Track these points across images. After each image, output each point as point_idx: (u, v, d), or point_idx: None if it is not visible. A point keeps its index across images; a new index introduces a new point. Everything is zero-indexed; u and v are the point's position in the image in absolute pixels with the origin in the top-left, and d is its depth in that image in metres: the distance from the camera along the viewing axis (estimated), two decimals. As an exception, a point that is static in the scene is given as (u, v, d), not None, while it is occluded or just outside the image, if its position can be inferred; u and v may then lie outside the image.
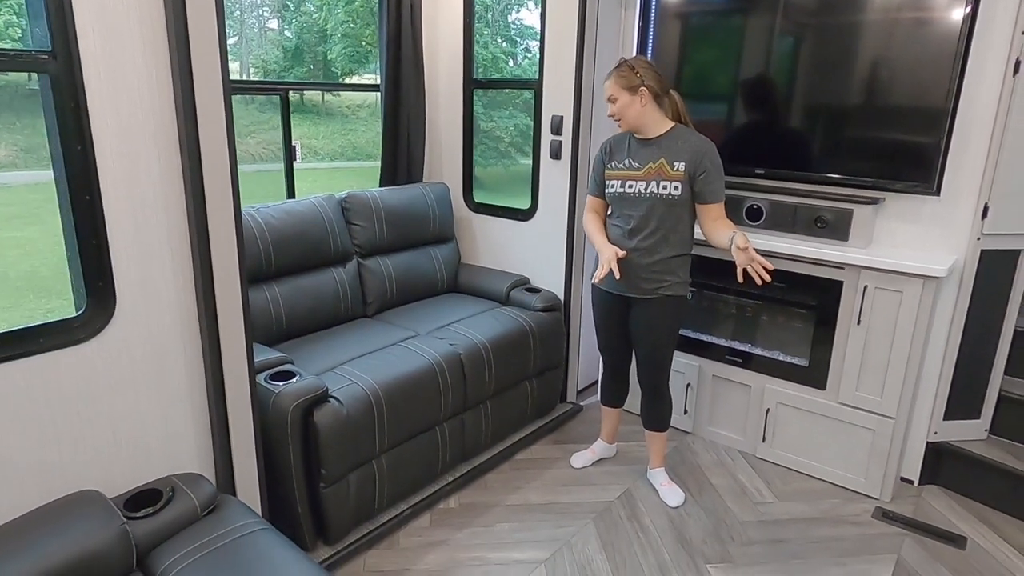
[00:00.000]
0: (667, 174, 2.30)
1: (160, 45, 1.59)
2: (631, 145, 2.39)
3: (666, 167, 2.30)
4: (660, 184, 2.31)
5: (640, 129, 2.34)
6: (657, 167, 2.31)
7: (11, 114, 8.77)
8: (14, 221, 8.12)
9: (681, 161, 2.29)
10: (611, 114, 2.34)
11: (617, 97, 2.29)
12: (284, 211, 2.66)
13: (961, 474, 2.66)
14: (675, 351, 3.01)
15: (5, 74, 8.29)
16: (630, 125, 2.33)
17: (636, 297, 2.42)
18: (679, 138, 2.32)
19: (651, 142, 2.34)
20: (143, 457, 1.75)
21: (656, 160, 2.32)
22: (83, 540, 1.44)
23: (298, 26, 14.31)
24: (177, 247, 1.72)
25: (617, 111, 2.31)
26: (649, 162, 2.33)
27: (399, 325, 2.80)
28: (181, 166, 1.68)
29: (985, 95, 2.35)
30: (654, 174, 2.31)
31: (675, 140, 2.32)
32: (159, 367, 1.74)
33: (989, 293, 2.52)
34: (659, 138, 2.34)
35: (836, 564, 2.27)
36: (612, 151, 2.44)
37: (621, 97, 2.29)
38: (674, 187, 2.30)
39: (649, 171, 2.32)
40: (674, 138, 2.32)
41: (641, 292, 2.39)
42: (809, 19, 2.65)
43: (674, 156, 2.30)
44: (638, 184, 2.33)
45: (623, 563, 2.26)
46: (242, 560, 1.52)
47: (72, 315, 1.60)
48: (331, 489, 2.14)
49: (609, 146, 2.47)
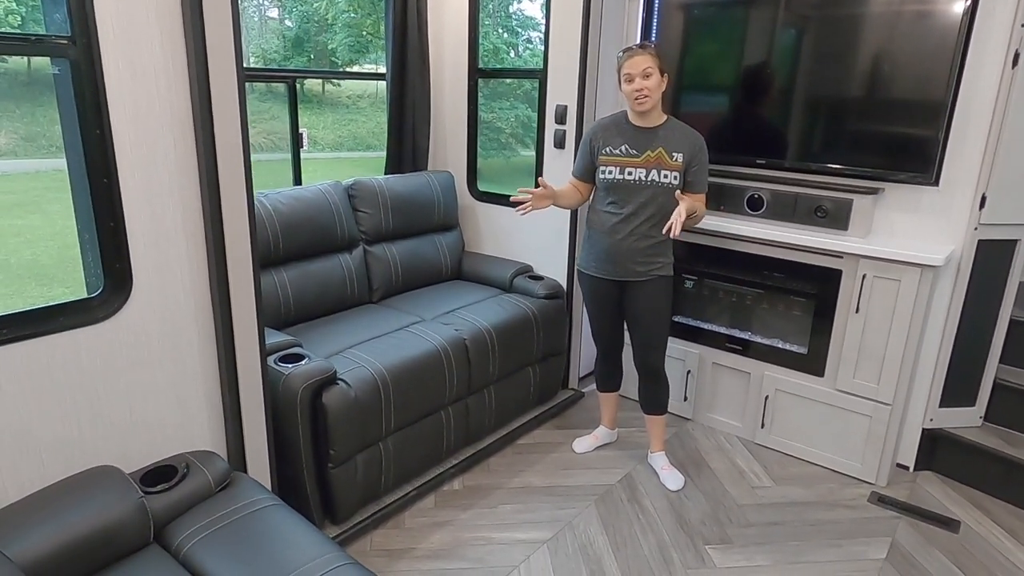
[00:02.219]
0: (666, 164, 2.35)
1: (176, 32, 1.63)
2: (626, 131, 2.40)
3: (665, 157, 2.35)
4: (661, 173, 2.35)
5: (649, 114, 2.36)
6: (656, 156, 2.35)
7: (10, 102, 8.76)
8: (15, 209, 8.11)
9: (680, 152, 2.34)
10: (639, 89, 2.29)
11: (653, 72, 2.29)
12: (292, 197, 2.70)
13: (956, 460, 2.71)
14: (676, 338, 3.07)
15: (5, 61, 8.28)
16: (653, 104, 2.33)
17: (630, 280, 2.47)
18: (676, 129, 2.38)
19: (649, 131, 2.38)
20: (158, 434, 1.79)
21: (655, 149, 2.35)
22: (103, 512, 1.49)
23: (299, 15, 14.26)
24: (192, 231, 1.75)
25: (651, 87, 2.29)
26: (647, 150, 2.36)
27: (404, 311, 2.84)
28: (196, 151, 1.71)
29: (984, 87, 2.38)
30: (654, 162, 2.35)
31: (672, 131, 2.37)
32: (174, 347, 1.78)
33: (986, 282, 2.56)
34: (657, 128, 2.38)
35: (832, 546, 2.32)
36: (606, 136, 2.43)
37: (656, 74, 2.29)
38: (673, 176, 2.35)
39: (648, 159, 2.36)
40: (671, 129, 2.38)
41: (636, 275, 2.44)
42: (811, 11, 2.68)
43: (673, 146, 2.35)
44: (638, 171, 2.37)
45: (623, 543, 2.31)
46: (256, 533, 1.57)
47: (90, 295, 1.64)
48: (339, 469, 2.18)
49: (602, 130, 2.46)
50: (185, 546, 1.54)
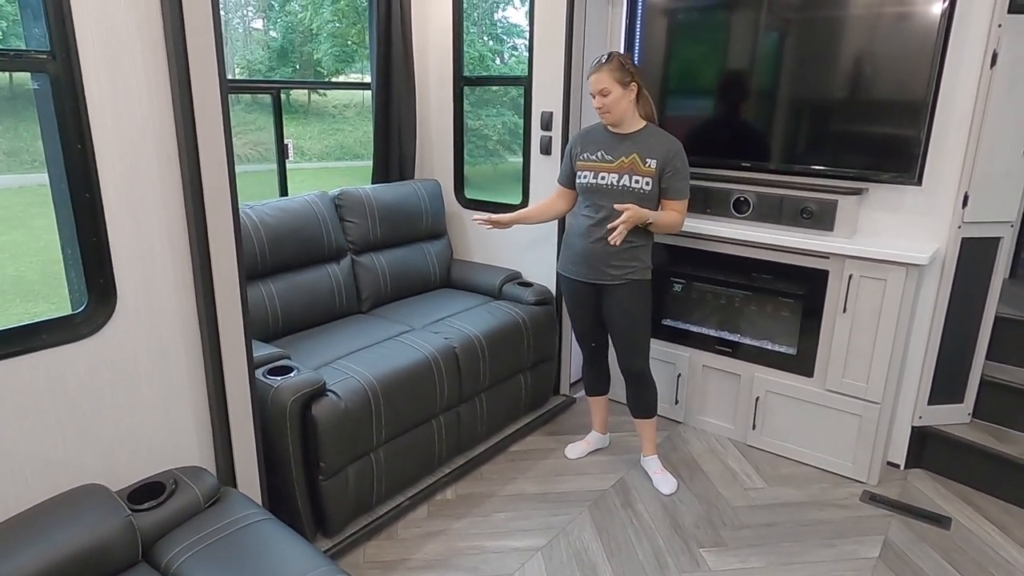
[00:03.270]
0: (640, 169, 2.37)
1: (158, 45, 1.62)
2: (604, 138, 2.45)
3: (639, 163, 2.37)
4: (632, 178, 2.38)
5: (620, 123, 2.40)
6: (630, 162, 2.38)
7: (-8, 118, 8.69)
8: (-1, 225, 8.04)
9: (654, 158, 2.37)
10: (600, 107, 2.37)
11: (610, 90, 2.33)
12: (278, 208, 2.68)
13: (945, 457, 2.73)
14: (665, 341, 3.08)
15: (-17, 78, 8.21)
16: (616, 118, 2.38)
17: (605, 284, 2.48)
18: (652, 136, 2.40)
19: (626, 137, 2.41)
20: (146, 451, 1.77)
21: (629, 155, 2.39)
22: (89, 532, 1.46)
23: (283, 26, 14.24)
24: (177, 244, 1.74)
25: (609, 104, 2.35)
26: (622, 156, 2.40)
27: (394, 320, 2.83)
28: (179, 164, 1.70)
29: (964, 87, 2.41)
30: (627, 168, 2.38)
31: (648, 138, 2.40)
32: (160, 362, 1.76)
33: (970, 280, 2.59)
34: (633, 134, 2.41)
35: (825, 546, 2.33)
36: (585, 143, 2.51)
37: (614, 90, 2.33)
38: (646, 182, 2.37)
39: (622, 164, 2.39)
40: (647, 136, 2.40)
41: (610, 279, 2.46)
42: (793, 15, 2.70)
43: (647, 153, 2.37)
44: (611, 176, 2.39)
45: (618, 548, 2.30)
46: (247, 549, 1.55)
47: (74, 312, 1.62)
48: (330, 482, 2.17)
49: (581, 138, 2.54)
50: (174, 564, 1.52)
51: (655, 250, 2.53)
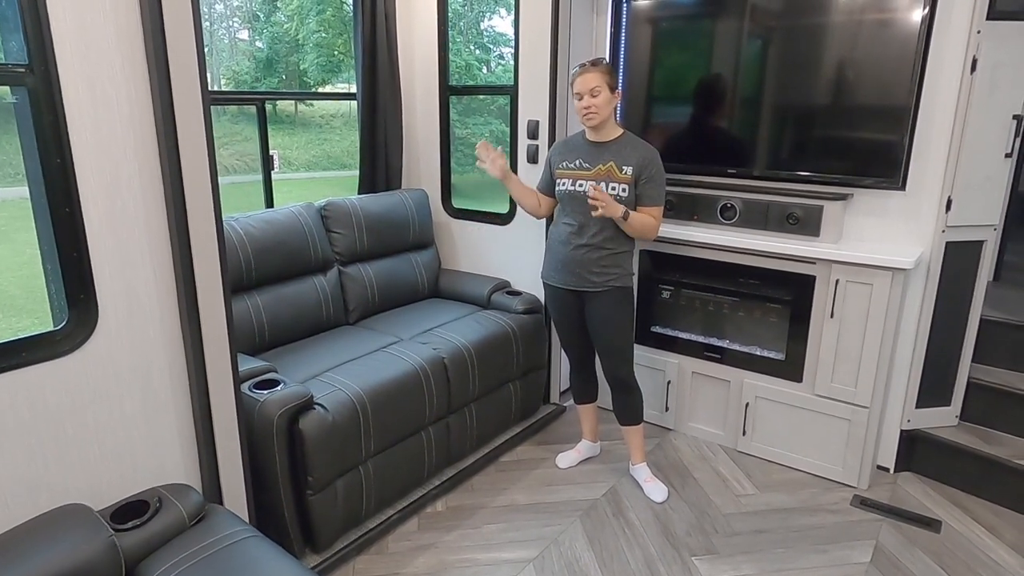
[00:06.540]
0: (616, 176, 2.39)
1: (138, 57, 1.60)
2: (583, 147, 2.48)
3: (615, 170, 2.39)
4: (609, 185, 2.40)
5: (601, 129, 2.41)
6: (607, 169, 2.40)
7: (-29, 133, 8.60)
8: (-20, 239, 7.95)
9: (629, 165, 2.39)
10: (588, 106, 2.35)
11: (601, 90, 2.33)
12: (263, 220, 2.66)
13: (934, 460, 2.74)
14: (654, 348, 3.08)
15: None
16: (602, 120, 2.38)
17: (587, 291, 2.49)
18: (629, 144, 2.42)
19: (604, 146, 2.43)
20: (129, 469, 1.74)
21: (606, 163, 2.41)
22: (71, 553, 1.43)
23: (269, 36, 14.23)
24: (159, 259, 1.72)
25: (599, 105, 2.34)
26: (599, 164, 2.42)
27: (382, 331, 2.81)
28: (162, 177, 1.68)
29: (945, 92, 2.44)
30: (603, 175, 2.40)
31: (625, 146, 2.42)
32: (143, 378, 1.73)
33: (955, 283, 2.61)
34: (611, 142, 2.43)
35: (817, 551, 2.32)
36: (564, 152, 2.53)
37: (604, 92, 2.34)
38: (622, 189, 2.39)
39: (599, 172, 2.41)
40: (624, 144, 2.42)
41: (592, 286, 2.47)
42: (776, 22, 2.72)
43: (623, 160, 2.39)
44: (588, 184, 2.40)
45: (610, 558, 2.29)
46: (233, 567, 1.52)
47: (54, 328, 1.59)
48: (318, 496, 2.14)
49: (561, 147, 2.57)
50: (159, 584, 1.49)
51: (642, 258, 2.54)
